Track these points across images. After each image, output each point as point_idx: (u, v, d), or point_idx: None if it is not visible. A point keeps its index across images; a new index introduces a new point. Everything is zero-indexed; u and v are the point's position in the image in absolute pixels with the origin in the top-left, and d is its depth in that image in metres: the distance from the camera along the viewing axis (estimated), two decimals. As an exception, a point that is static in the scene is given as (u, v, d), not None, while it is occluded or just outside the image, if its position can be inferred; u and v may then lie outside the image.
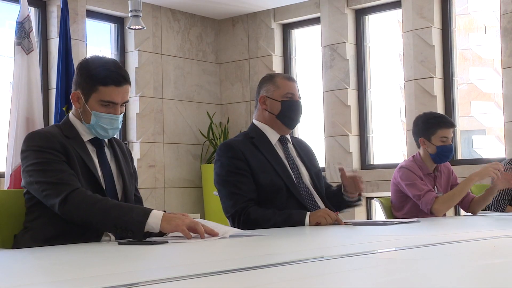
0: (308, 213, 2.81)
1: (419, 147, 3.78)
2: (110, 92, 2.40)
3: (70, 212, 2.25)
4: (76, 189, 2.26)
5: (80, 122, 2.46)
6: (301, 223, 2.79)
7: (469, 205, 3.77)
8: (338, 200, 3.08)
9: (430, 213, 3.57)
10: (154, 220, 2.17)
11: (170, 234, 2.28)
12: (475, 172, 3.58)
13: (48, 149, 2.33)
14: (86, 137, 2.45)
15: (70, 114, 2.50)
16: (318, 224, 2.77)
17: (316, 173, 3.11)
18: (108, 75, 2.39)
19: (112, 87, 2.40)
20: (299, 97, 3.06)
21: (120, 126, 2.47)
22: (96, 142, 2.48)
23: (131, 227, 2.17)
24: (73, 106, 2.48)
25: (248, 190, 2.89)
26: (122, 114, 2.46)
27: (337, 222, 2.79)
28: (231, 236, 2.22)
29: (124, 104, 2.47)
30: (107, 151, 2.51)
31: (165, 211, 2.26)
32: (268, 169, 2.94)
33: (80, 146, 2.42)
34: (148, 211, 2.20)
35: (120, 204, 2.29)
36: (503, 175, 3.48)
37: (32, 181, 2.33)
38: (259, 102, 3.05)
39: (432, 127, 3.69)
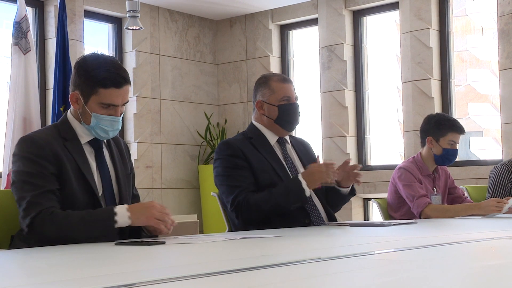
0: (301, 178, 2.82)
1: (423, 145, 3.77)
2: (110, 95, 2.34)
3: (39, 234, 2.21)
4: (41, 211, 2.20)
5: (79, 123, 2.40)
6: (301, 191, 2.81)
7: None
8: (332, 195, 3.06)
9: (419, 217, 3.57)
10: (122, 219, 2.21)
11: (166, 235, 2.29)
12: (479, 204, 3.55)
13: (38, 157, 2.27)
14: (84, 138, 2.40)
15: (69, 113, 2.44)
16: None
17: None
18: (107, 77, 2.33)
19: (112, 89, 2.34)
20: (296, 98, 3.05)
21: (120, 127, 2.41)
22: (95, 143, 2.42)
23: (104, 234, 2.21)
24: (72, 106, 2.42)
25: (249, 183, 2.88)
26: (122, 114, 2.42)
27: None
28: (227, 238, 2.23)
29: (124, 104, 2.41)
30: (105, 152, 2.46)
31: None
32: (268, 168, 2.94)
33: (77, 149, 2.36)
34: (111, 213, 2.22)
35: (83, 216, 2.23)
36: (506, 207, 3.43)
37: (12, 189, 2.31)
38: (256, 107, 3.04)
39: (444, 129, 3.69)
